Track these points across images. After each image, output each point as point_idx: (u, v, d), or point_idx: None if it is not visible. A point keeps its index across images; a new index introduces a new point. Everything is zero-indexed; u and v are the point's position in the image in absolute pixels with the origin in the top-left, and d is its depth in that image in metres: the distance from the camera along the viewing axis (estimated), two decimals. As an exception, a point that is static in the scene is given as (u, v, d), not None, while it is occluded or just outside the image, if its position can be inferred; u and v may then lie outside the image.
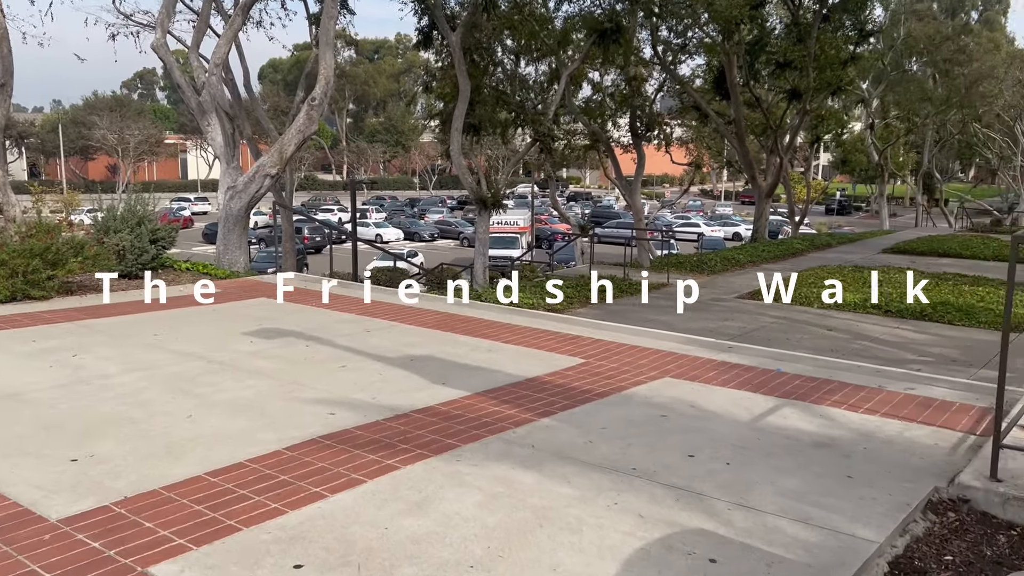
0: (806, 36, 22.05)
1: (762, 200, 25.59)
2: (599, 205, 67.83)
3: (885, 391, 5.73)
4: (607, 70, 23.46)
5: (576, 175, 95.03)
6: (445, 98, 20.78)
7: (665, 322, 13.29)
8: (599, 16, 19.17)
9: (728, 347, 7.07)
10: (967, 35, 40.97)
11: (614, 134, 25.34)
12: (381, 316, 8.38)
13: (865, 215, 65.71)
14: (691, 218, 54.05)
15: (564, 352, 6.79)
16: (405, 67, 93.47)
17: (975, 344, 12.09)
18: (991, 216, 45.70)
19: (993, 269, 19.01)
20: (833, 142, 38.79)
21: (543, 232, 45.39)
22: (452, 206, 69.81)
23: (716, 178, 79.56)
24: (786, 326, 13.20)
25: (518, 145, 33.57)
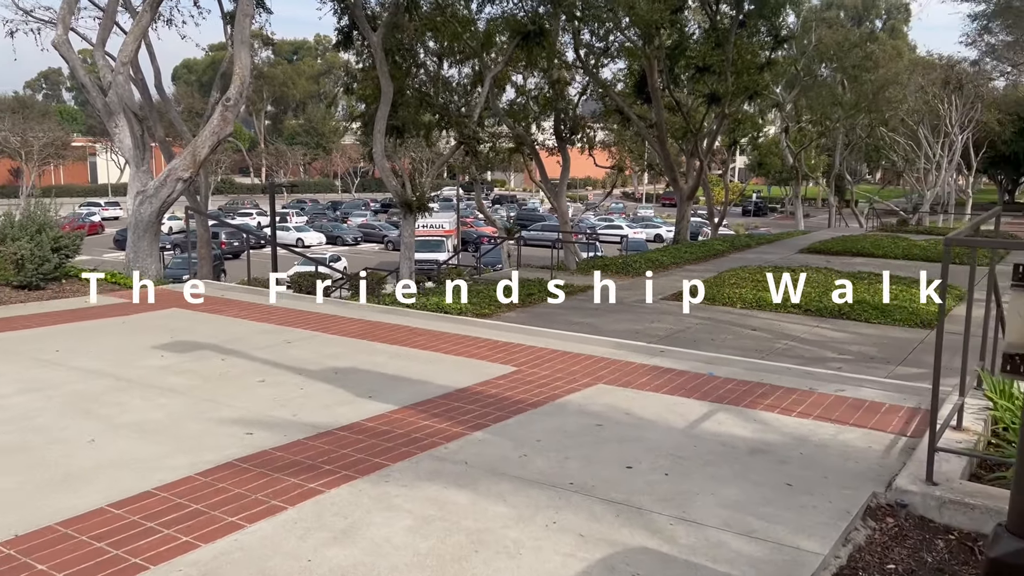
0: (724, 41, 22.48)
1: (684, 202, 25.98)
2: (524, 208, 68.01)
3: (816, 393, 5.73)
4: (531, 73, 23.43)
5: (501, 178, 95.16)
6: (367, 100, 20.37)
7: (592, 325, 13.27)
8: (522, 19, 19.11)
9: (660, 351, 7.01)
10: (873, 43, 42.70)
11: (539, 137, 25.35)
12: (302, 325, 8.03)
13: (780, 216, 67.75)
14: (614, 220, 54.69)
15: (495, 360, 6.60)
16: (325, 68, 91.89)
17: (891, 341, 12.45)
18: (898, 216, 47.71)
19: (904, 268, 19.70)
20: (749, 145, 39.82)
21: (469, 235, 45.18)
22: (376, 209, 68.88)
23: (638, 181, 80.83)
24: (711, 327, 13.34)
25: (443, 148, 33.30)
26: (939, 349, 3.89)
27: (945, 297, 3.90)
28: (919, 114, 47.51)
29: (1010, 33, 36.27)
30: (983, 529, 3.70)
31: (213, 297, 9.69)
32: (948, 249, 3.79)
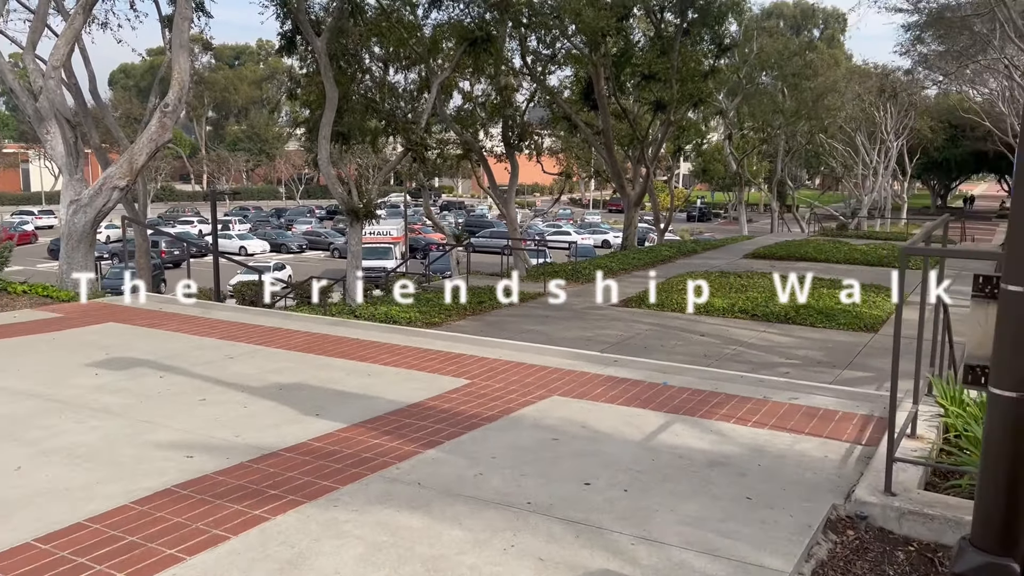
0: (669, 49, 22.71)
1: (631, 208, 26.16)
2: (472, 214, 67.87)
3: (771, 402, 5.71)
4: (478, 79, 23.34)
5: (449, 184, 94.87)
6: (311, 105, 20.02)
7: (543, 332, 13.20)
8: (469, 25, 19.00)
9: (613, 360, 6.94)
10: (812, 51, 43.71)
11: (487, 144, 25.26)
12: (245, 339, 7.76)
13: (724, 221, 68.91)
14: (562, 226, 54.90)
15: (447, 373, 6.44)
16: (268, 73, 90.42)
17: (836, 345, 12.65)
18: (837, 221, 48.90)
19: (845, 272, 20.10)
20: (693, 152, 40.35)
21: (417, 242, 44.84)
22: (321, 216, 67.94)
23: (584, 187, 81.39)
24: (661, 332, 13.39)
25: (389, 154, 32.98)
26: (896, 361, 3.88)
27: (901, 306, 3.89)
28: (856, 121, 48.83)
29: (941, 43, 37.45)
30: (942, 540, 3.68)
31: (152, 310, 9.33)
32: (904, 258, 3.77)
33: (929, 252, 4.17)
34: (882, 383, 10.51)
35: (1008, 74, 35.53)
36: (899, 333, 3.89)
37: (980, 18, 30.04)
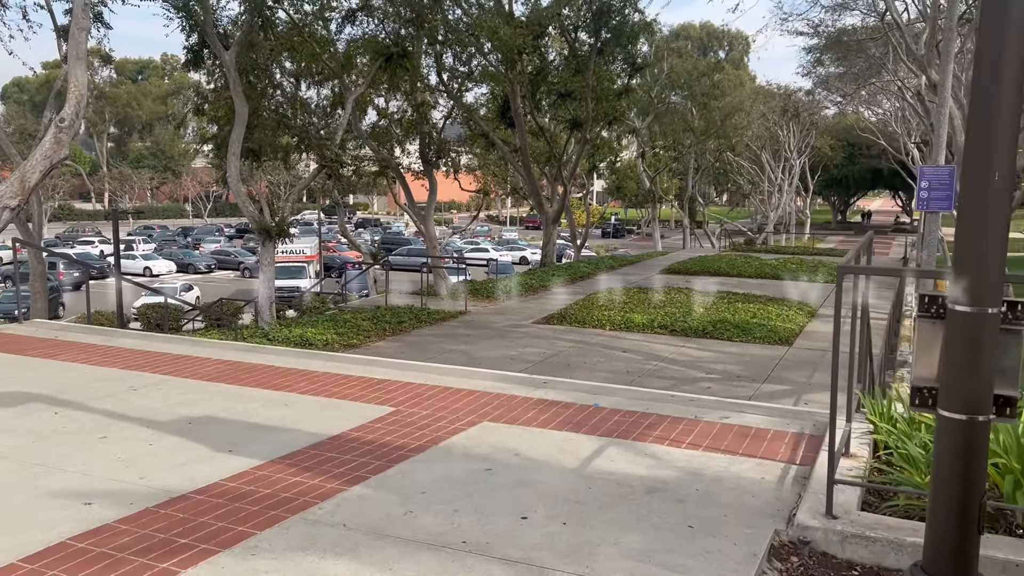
0: (584, 68, 22.93)
1: (549, 226, 26.24)
2: (389, 231, 67.11)
3: (702, 422, 5.64)
4: (394, 95, 23.01)
5: (364, 201, 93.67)
6: (220, 121, 19.30)
7: (466, 352, 12.98)
8: (384, 40, 18.70)
9: (543, 382, 6.77)
10: (719, 72, 45.06)
11: (404, 160, 24.92)
12: (150, 368, 7.26)
13: (637, 237, 70.20)
14: (480, 243, 54.84)
15: (371, 400, 6.14)
16: (173, 88, 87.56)
17: (753, 359, 12.86)
18: (745, 236, 50.44)
19: (757, 286, 20.62)
20: (608, 169, 40.92)
21: (332, 260, 43.92)
22: (231, 234, 65.93)
23: (501, 204, 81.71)
24: (583, 349, 13.36)
25: (302, 171, 32.20)
26: (835, 380, 3.83)
27: (839, 325, 3.85)
28: (761, 140, 50.62)
29: (840, 65, 39.22)
30: (884, 563, 3.64)
31: (46, 339, 8.67)
32: (841, 277, 3.74)
33: (863, 270, 4.16)
34: (801, 395, 10.71)
35: (901, 95, 37.44)
36: (837, 351, 3.84)
37: (874, 42, 31.53)
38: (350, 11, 18.70)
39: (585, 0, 22.75)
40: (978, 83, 2.55)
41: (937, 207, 11.66)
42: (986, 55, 2.53)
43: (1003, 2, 2.48)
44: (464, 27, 20.91)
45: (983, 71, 2.52)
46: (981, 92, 2.53)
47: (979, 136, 2.53)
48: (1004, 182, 2.51)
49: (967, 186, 2.60)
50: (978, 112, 2.54)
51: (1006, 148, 2.50)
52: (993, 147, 2.50)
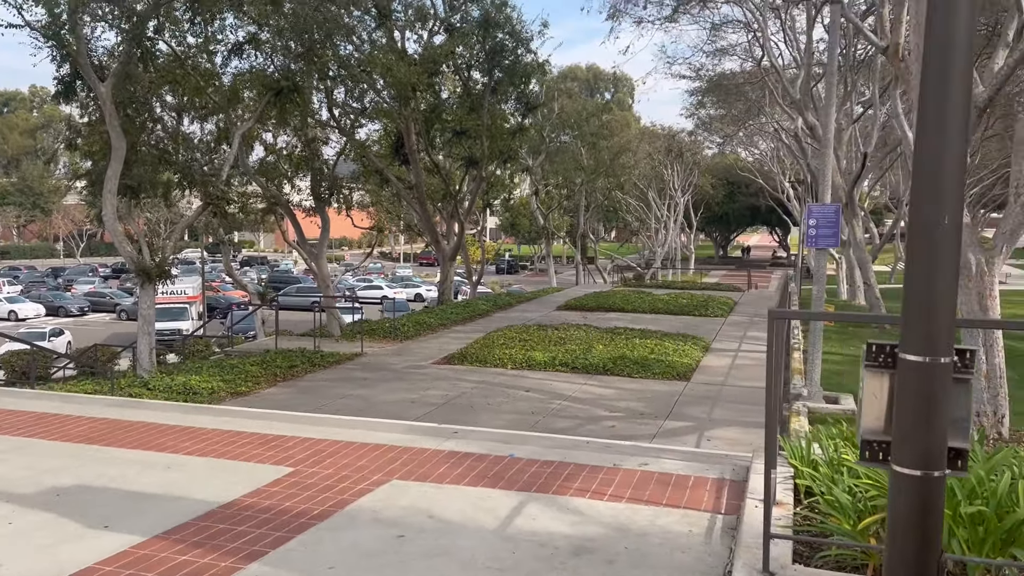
0: (478, 107, 22.97)
1: (446, 263, 25.96)
2: (277, 270, 65.15)
3: (622, 470, 5.44)
4: (283, 131, 22.34)
5: (250, 238, 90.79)
6: (95, 156, 18.18)
7: (364, 397, 12.47)
8: (272, 74, 18.12)
9: (453, 432, 6.42)
10: (607, 113, 46.36)
11: (294, 197, 24.16)
12: (11, 430, 6.48)
13: (531, 273, 70.83)
14: (373, 280, 53.90)
15: (267, 460, 5.63)
16: (43, 122, 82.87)
17: (655, 395, 12.90)
18: (634, 271, 51.67)
19: (652, 321, 20.92)
20: (502, 206, 41.17)
21: (217, 301, 42.10)
22: (106, 275, 62.35)
23: (395, 240, 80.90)
24: (486, 390, 13.06)
25: (184, 208, 30.78)
26: (772, 435, 3.68)
27: (772, 370, 3.72)
28: (648, 179, 52.28)
29: (720, 107, 41.09)
30: (825, 620, 3.49)
31: None
32: (771, 322, 3.62)
33: (792, 315, 4.06)
34: (704, 432, 10.75)
35: (777, 136, 39.48)
36: (771, 398, 3.70)
37: (752, 86, 33.15)
38: (237, 44, 18.06)
39: (479, 40, 22.87)
40: (923, 129, 2.46)
41: (825, 244, 12.08)
42: (931, 97, 2.45)
43: (944, 49, 2.41)
44: (357, 63, 20.57)
45: (928, 116, 2.44)
46: (927, 137, 2.44)
47: (926, 180, 2.44)
48: (953, 227, 2.42)
49: (914, 231, 2.50)
50: (925, 155, 2.45)
51: (954, 192, 2.42)
52: (941, 191, 2.42)
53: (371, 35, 21.97)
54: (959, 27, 2.37)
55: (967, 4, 2.36)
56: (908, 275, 2.52)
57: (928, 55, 2.44)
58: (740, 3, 24.98)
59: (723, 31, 29.59)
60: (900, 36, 15.07)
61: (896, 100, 18.85)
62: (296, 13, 17.34)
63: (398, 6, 22.59)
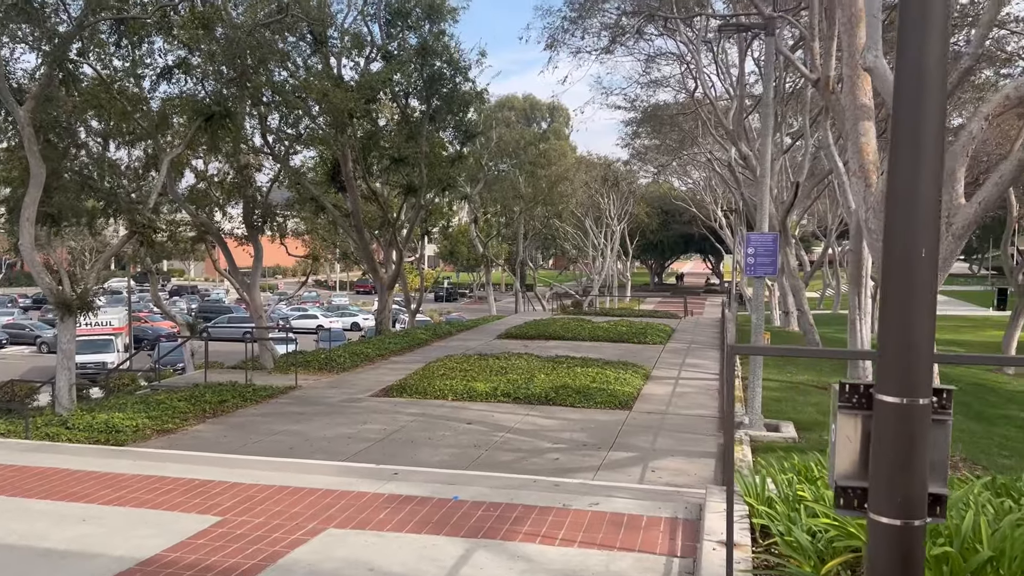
0: (417, 134, 22.76)
1: (384, 292, 25.52)
2: (207, 299, 63.38)
3: (572, 511, 5.21)
4: (215, 157, 21.70)
5: (179, 267, 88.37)
6: (12, 183, 17.33)
7: (299, 432, 11.98)
8: (203, 99, 17.59)
9: (392, 473, 6.11)
10: (544, 142, 46.73)
11: (226, 225, 23.45)
12: (-92, 481, 5.91)
13: (469, 301, 70.58)
14: (308, 310, 52.81)
15: (192, 508, 5.23)
16: (-43, 145, 79.34)
17: (597, 425, 12.73)
18: (572, 298, 51.90)
19: (593, 349, 20.86)
20: (440, 234, 40.96)
21: (144, 332, 40.63)
22: (26, 305, 59.69)
23: (330, 268, 79.75)
24: (426, 423, 12.70)
25: (110, 236, 29.66)
26: (730, 478, 3.51)
27: (732, 409, 3.56)
28: (585, 207, 52.81)
29: (654, 138, 41.84)
30: (793, 672, 3.31)
31: None
32: (732, 358, 3.46)
33: (750, 350, 3.92)
34: (648, 462, 10.61)
35: (710, 166, 40.34)
36: (731, 447, 3.54)
37: (686, 116, 33.86)
38: (166, 68, 17.49)
39: (416, 68, 22.71)
40: (897, 158, 2.34)
41: (763, 272, 12.17)
42: (904, 124, 2.32)
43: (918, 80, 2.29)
44: (292, 89, 20.16)
45: (902, 145, 2.32)
46: (901, 166, 2.32)
47: (902, 211, 2.31)
48: (930, 259, 2.30)
49: (890, 266, 2.37)
50: (900, 185, 2.32)
51: (931, 223, 2.30)
52: (917, 223, 2.29)
53: (307, 61, 21.61)
54: (931, 50, 2.26)
55: (940, 27, 2.25)
56: (884, 312, 2.39)
57: (900, 80, 2.32)
58: (673, 36, 25.50)
59: (657, 62, 30.18)
60: (830, 69, 15.52)
61: (827, 131, 19.42)
62: (229, 37, 16.90)
63: (334, 33, 22.32)
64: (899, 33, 2.32)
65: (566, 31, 23.01)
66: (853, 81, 10.43)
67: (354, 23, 23.15)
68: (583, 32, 22.62)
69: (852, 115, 10.33)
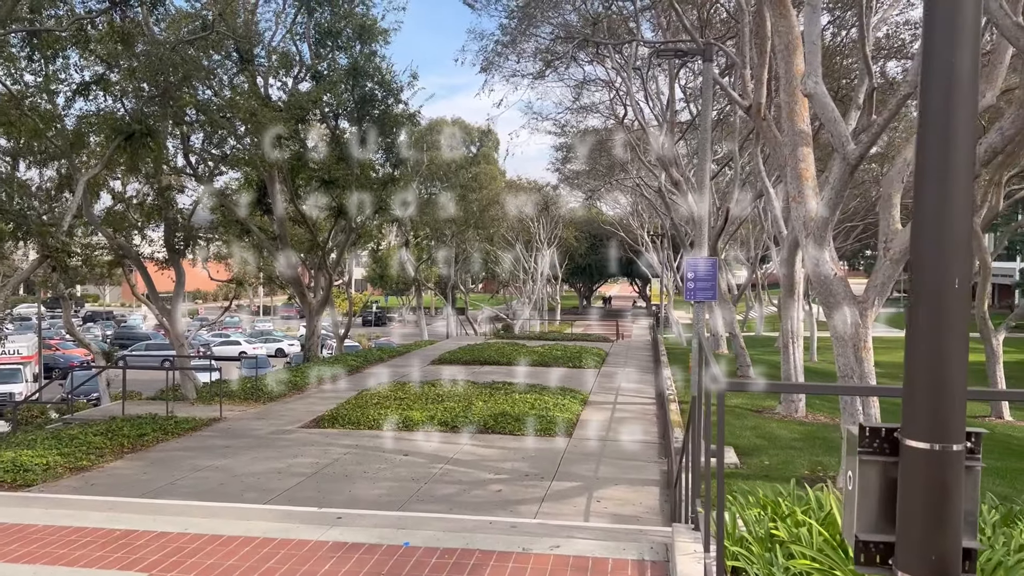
0: (347, 156, 22.27)
1: (312, 317, 24.79)
2: (124, 325, 60.83)
3: (532, 555, 4.88)
4: (134, 178, 20.75)
5: (94, 292, 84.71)
6: (-89, 204, 16.18)
7: (225, 468, 11.33)
8: (124, 117, 16.78)
9: (336, 518, 5.66)
10: (476, 166, 46.67)
11: (145, 249, 22.40)
12: None
13: (399, 324, 69.59)
14: (231, 335, 51.10)
15: (112, 564, 4.69)
16: None
17: (538, 453, 12.44)
18: (503, 322, 51.73)
19: (529, 374, 20.62)
20: (370, 257, 40.29)
21: (56, 361, 38.55)
22: (-76, 334, 56.04)
23: (253, 292, 77.71)
24: (361, 456, 12.19)
25: (19, 260, 28.07)
26: (720, 518, 3.26)
27: (723, 448, 3.31)
28: (515, 231, 52.91)
29: (584, 164, 42.24)
30: None
31: None
32: (722, 398, 3.22)
33: (743, 387, 3.67)
34: (592, 492, 10.36)
35: (637, 191, 40.88)
36: (722, 480, 3.29)
37: (614, 142, 34.25)
38: (83, 84, 16.62)
39: (347, 88, 22.26)
40: (924, 181, 2.14)
41: (703, 297, 12.16)
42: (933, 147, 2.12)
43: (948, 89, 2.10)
44: (217, 108, 19.44)
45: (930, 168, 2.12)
46: (928, 191, 2.12)
47: (931, 239, 2.11)
48: (963, 290, 2.10)
49: (919, 297, 2.16)
50: (928, 212, 2.12)
51: (963, 251, 2.10)
52: (948, 251, 2.09)
53: (232, 80, 20.91)
54: (964, 61, 2.06)
55: (971, 35, 2.07)
56: (912, 348, 2.17)
57: (927, 96, 2.12)
58: (603, 62, 25.75)
59: (588, 88, 30.45)
60: (761, 96, 15.79)
61: (757, 157, 19.79)
62: (150, 54, 16.18)
63: (261, 52, 21.72)
64: (924, 61, 2.13)
65: (499, 55, 22.95)
66: (791, 107, 10.55)
67: (282, 42, 22.61)
68: (517, 56, 22.61)
69: (791, 140, 10.43)
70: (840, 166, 9.90)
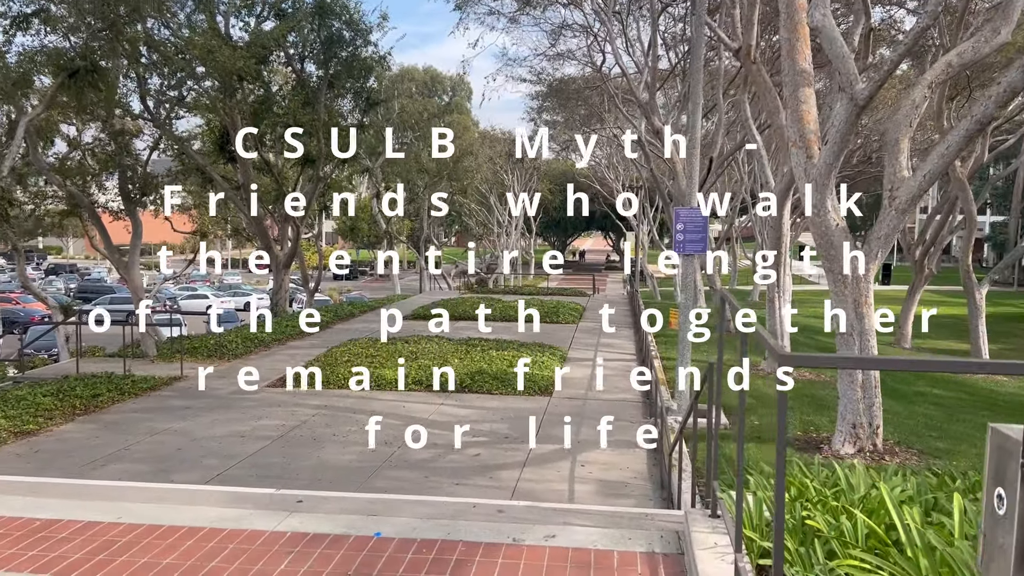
0: (314, 101, 21.12)
1: (280, 271, 23.84)
2: (88, 278, 59.21)
3: (525, 547, 4.20)
4: (85, 122, 19.47)
5: (56, 244, 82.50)
6: None
7: (184, 431, 10.58)
8: (67, 52, 15.52)
9: (296, 502, 4.93)
10: (449, 115, 45.33)
11: (100, 198, 21.17)
12: None
13: (370, 279, 68.50)
14: (198, 289, 49.83)
15: (25, 566, 3.91)
16: None
17: (518, 414, 11.83)
18: (477, 276, 50.94)
19: (505, 330, 19.97)
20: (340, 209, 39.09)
21: (15, 314, 37.16)
22: None
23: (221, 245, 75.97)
24: (330, 417, 11.49)
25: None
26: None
27: (783, 433, 2.61)
28: (489, 183, 51.80)
29: (559, 113, 41.14)
30: None
31: None
32: (781, 373, 2.51)
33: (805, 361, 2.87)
34: (576, 455, 9.77)
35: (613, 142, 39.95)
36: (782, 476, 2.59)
37: (593, 91, 33.19)
38: (22, 15, 15.28)
39: (313, 28, 21.00)
40: None
41: (693, 250, 11.47)
42: None
43: None
44: (172, 46, 18.15)
45: None
46: None
47: None
48: None
49: None
50: None
51: None
52: None
53: (190, 18, 19.55)
54: None
55: None
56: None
57: None
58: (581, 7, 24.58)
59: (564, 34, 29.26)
60: (752, 37, 14.92)
61: (744, 104, 18.97)
62: (96, -17, 14.90)
63: (221, -14, 20.32)
64: None
65: (475, -6, 21.76)
66: (792, 44, 9.73)
67: (243, -24, 21.19)
68: (493, -6, 21.44)
69: (791, 81, 9.63)
70: (847, 107, 9.15)
